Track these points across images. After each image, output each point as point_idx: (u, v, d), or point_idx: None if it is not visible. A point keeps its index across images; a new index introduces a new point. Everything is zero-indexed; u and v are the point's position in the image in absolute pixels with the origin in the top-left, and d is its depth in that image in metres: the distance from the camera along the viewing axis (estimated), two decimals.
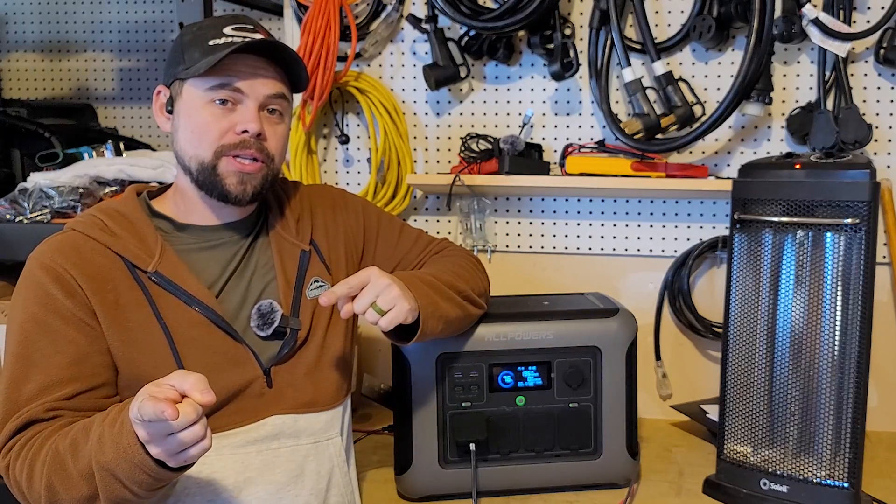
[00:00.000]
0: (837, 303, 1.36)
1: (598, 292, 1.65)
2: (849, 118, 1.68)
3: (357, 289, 1.17)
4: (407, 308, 1.17)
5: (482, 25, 1.77)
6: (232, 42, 1.16)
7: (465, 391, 1.43)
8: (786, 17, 1.65)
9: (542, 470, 1.46)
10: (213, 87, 1.17)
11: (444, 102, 1.95)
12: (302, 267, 1.28)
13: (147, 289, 1.17)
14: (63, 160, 1.85)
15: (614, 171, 1.78)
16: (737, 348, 1.47)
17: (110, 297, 1.15)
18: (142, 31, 2.28)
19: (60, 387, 1.10)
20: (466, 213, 1.93)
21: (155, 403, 0.88)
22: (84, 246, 1.16)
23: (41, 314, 1.12)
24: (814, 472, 1.39)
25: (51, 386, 1.10)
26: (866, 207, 1.32)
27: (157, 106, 1.24)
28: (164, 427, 0.90)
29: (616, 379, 1.46)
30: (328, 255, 1.33)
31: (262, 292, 1.25)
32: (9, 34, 2.36)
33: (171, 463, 0.95)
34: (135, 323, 1.15)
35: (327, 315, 1.29)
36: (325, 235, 1.35)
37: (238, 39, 1.17)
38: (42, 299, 1.13)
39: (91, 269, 1.15)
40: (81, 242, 1.17)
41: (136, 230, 1.20)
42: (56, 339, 1.12)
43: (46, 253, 1.16)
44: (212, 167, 1.18)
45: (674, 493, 1.49)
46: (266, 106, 1.20)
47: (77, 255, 1.15)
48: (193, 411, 0.89)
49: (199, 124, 1.18)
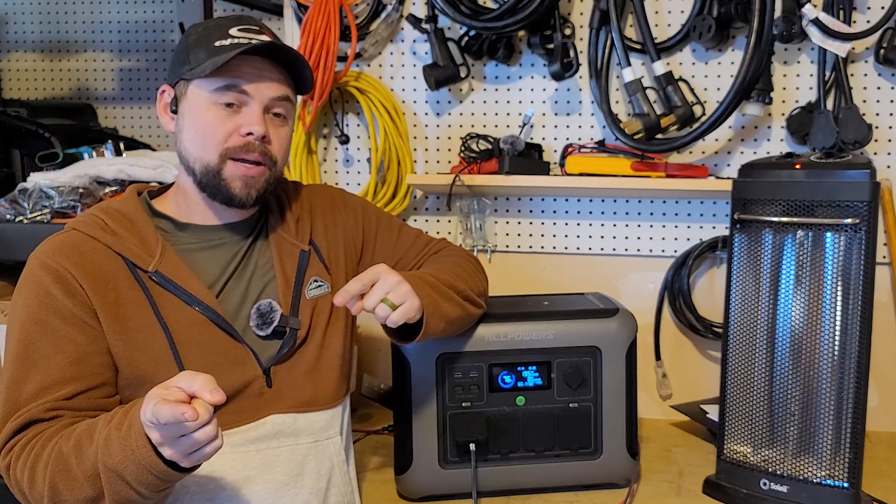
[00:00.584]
0: (837, 303, 1.36)
1: (598, 292, 1.66)
2: (849, 118, 1.68)
3: (369, 285, 1.18)
4: (417, 304, 1.19)
5: (482, 25, 1.77)
6: (238, 44, 1.16)
7: (465, 391, 1.43)
8: (786, 17, 1.65)
9: (542, 470, 1.46)
10: (218, 88, 1.17)
11: (444, 102, 1.95)
12: (301, 267, 1.29)
13: (147, 288, 1.17)
14: (63, 160, 1.85)
15: (614, 171, 1.78)
16: (737, 348, 1.47)
17: (111, 297, 1.14)
18: (142, 31, 2.28)
19: (61, 386, 1.10)
20: (466, 213, 1.93)
21: (173, 406, 0.89)
22: (85, 245, 1.16)
23: (41, 314, 1.12)
24: (814, 473, 1.39)
25: (51, 386, 1.10)
26: (866, 207, 1.32)
27: (160, 105, 1.24)
28: (179, 429, 0.91)
29: (616, 379, 1.46)
30: (327, 255, 1.34)
31: (262, 292, 1.25)
32: (9, 34, 2.36)
33: (185, 463, 0.96)
34: (135, 322, 1.15)
35: (326, 314, 1.29)
36: (325, 235, 1.35)
37: (244, 41, 1.17)
38: (42, 299, 1.13)
39: (92, 269, 1.14)
40: (82, 242, 1.17)
41: (137, 230, 1.20)
42: (56, 339, 1.11)
43: (47, 252, 1.15)
44: (217, 171, 1.18)
45: (674, 493, 1.49)
46: (271, 108, 1.21)
47: (78, 255, 1.15)
48: (206, 412, 0.91)
49: (203, 126, 1.18)
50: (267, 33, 1.22)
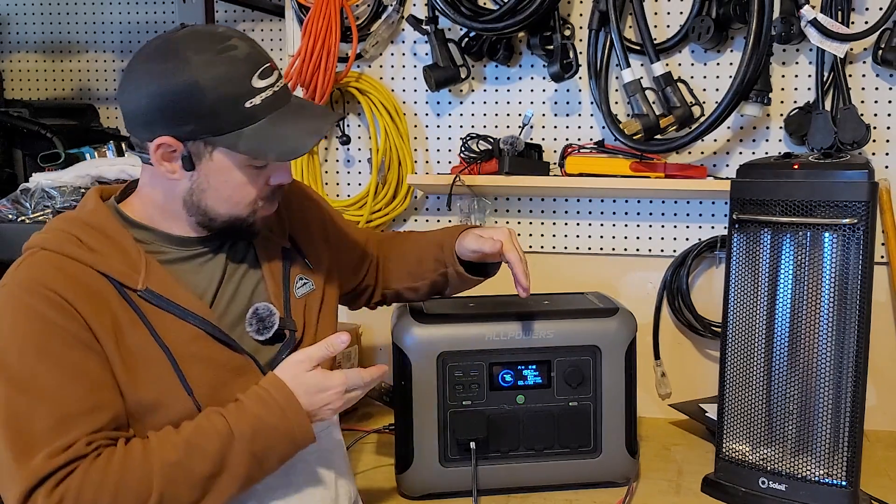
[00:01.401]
0: (836, 302, 1.37)
1: (598, 292, 1.66)
2: (847, 118, 1.69)
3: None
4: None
5: (482, 27, 1.78)
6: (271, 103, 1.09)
7: (465, 390, 1.44)
8: (784, 18, 1.66)
9: (542, 468, 1.47)
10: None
11: (444, 103, 1.96)
12: (286, 265, 1.25)
13: (139, 308, 1.07)
14: (65, 160, 1.85)
15: (613, 172, 1.79)
16: (735, 347, 1.47)
17: (107, 321, 1.05)
18: (143, 31, 2.29)
19: (84, 418, 1.00)
20: (466, 213, 1.94)
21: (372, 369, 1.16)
22: (66, 266, 1.05)
23: (40, 340, 1.01)
24: (812, 471, 1.39)
25: (70, 418, 0.99)
26: (864, 207, 1.33)
27: (159, 154, 1.08)
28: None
29: (615, 378, 1.46)
30: (307, 250, 1.30)
31: (252, 295, 1.20)
32: (11, 35, 2.37)
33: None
34: (133, 346, 1.06)
35: (316, 311, 1.27)
36: (301, 229, 1.31)
37: (270, 94, 1.08)
38: (38, 325, 1.01)
39: (83, 291, 1.04)
40: (60, 262, 1.05)
41: (114, 243, 1.09)
42: (64, 367, 1.01)
43: (27, 279, 1.03)
44: (245, 221, 1.14)
45: (673, 491, 1.50)
46: None
47: (63, 276, 1.04)
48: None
49: (234, 188, 1.11)
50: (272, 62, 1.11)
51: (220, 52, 1.06)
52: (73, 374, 1.01)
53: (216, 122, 1.06)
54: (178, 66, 1.04)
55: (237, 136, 1.07)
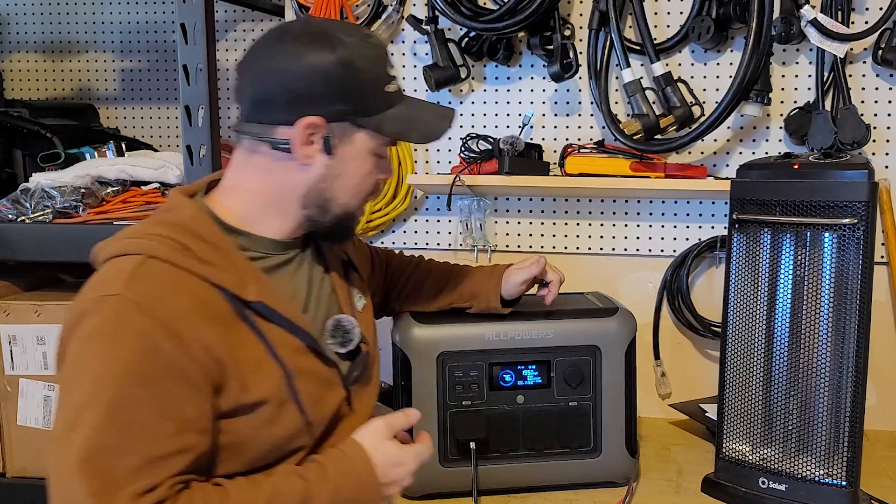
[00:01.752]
0: (835, 302, 1.37)
1: (598, 292, 1.66)
2: (847, 118, 1.69)
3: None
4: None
5: (482, 27, 1.78)
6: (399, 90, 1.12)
7: (465, 390, 1.44)
8: (784, 18, 1.66)
9: (542, 468, 1.47)
10: (388, 142, 1.12)
11: (444, 103, 1.96)
12: (348, 277, 1.24)
13: (254, 322, 1.01)
14: (65, 160, 1.85)
15: (613, 172, 1.79)
16: (735, 347, 1.47)
17: (226, 340, 0.97)
18: (143, 31, 2.29)
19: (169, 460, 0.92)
20: (466, 213, 1.94)
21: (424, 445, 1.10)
22: (182, 281, 0.96)
23: (147, 370, 0.91)
24: (812, 471, 1.39)
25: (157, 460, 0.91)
26: (864, 207, 1.33)
27: (303, 137, 1.04)
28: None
29: (615, 378, 1.47)
30: (357, 262, 1.29)
31: (328, 306, 1.17)
32: (10, 35, 2.37)
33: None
34: (251, 367, 0.99)
35: (372, 326, 1.26)
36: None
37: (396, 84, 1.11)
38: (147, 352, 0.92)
39: (202, 310, 0.96)
40: (175, 277, 0.96)
41: (223, 253, 1.02)
42: (162, 403, 0.92)
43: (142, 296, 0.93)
44: (353, 214, 1.14)
45: (673, 491, 1.50)
46: None
47: (182, 295, 0.95)
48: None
49: (362, 175, 1.10)
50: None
51: (366, 37, 1.08)
52: (171, 413, 0.92)
53: (366, 103, 1.06)
54: (333, 46, 1.03)
55: (382, 118, 1.07)
